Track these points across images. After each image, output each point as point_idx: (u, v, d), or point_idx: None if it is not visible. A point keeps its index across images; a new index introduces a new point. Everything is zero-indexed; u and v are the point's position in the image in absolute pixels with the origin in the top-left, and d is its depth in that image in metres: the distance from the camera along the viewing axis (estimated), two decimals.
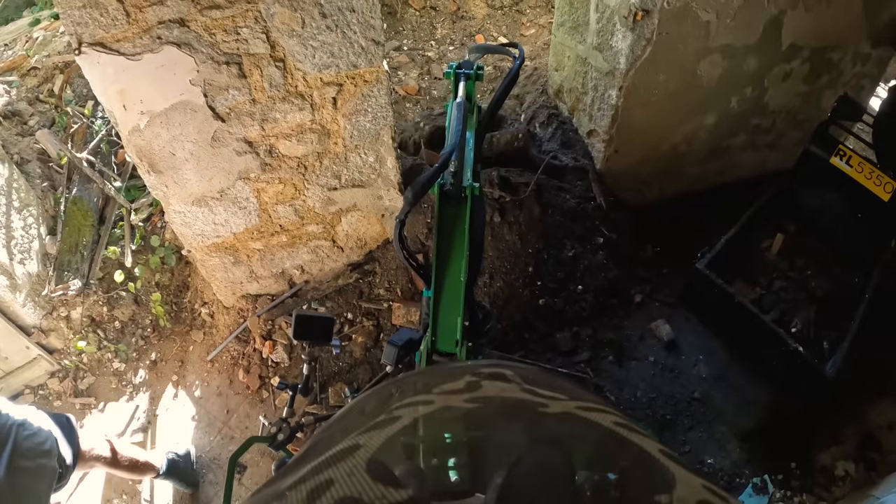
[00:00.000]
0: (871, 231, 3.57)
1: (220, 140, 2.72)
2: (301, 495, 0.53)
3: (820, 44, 3.94)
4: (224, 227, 3.13)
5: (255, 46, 2.42)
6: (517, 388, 0.71)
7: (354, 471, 0.54)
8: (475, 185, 1.83)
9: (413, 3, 5.14)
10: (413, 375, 0.84)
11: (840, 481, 3.17)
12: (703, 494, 0.53)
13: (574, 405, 0.67)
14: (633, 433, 0.63)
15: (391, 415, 0.64)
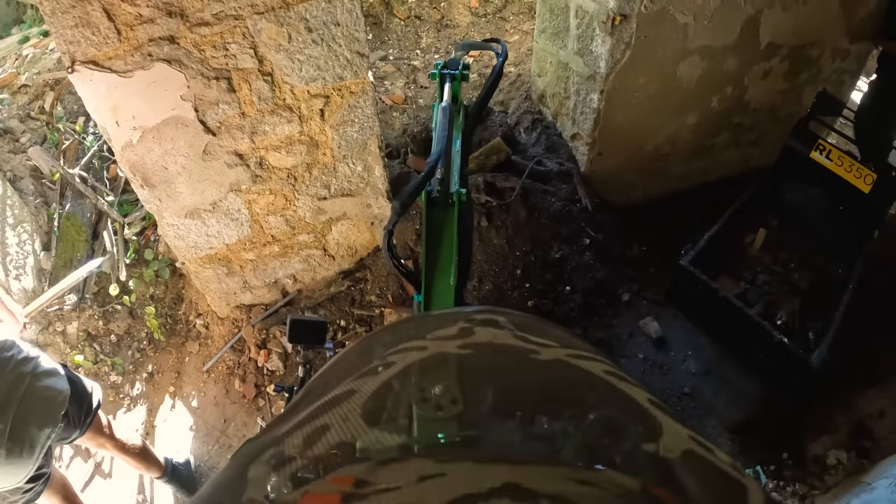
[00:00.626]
0: (853, 223, 3.70)
1: (211, 153, 2.83)
2: (297, 441, 0.55)
3: (798, 41, 4.07)
4: (217, 238, 3.23)
5: (243, 61, 2.53)
6: (509, 334, 0.71)
7: (350, 416, 0.56)
8: (462, 192, 1.87)
9: (398, 13, 5.27)
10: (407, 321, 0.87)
11: (832, 470, 3.27)
12: (689, 444, 0.54)
13: (565, 353, 0.68)
14: (623, 382, 0.64)
15: (385, 360, 0.66)
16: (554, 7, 3.83)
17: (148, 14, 2.24)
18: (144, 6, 2.21)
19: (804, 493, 3.20)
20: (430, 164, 1.71)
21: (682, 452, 0.52)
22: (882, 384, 3.54)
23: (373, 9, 5.18)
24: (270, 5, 2.38)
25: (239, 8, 2.34)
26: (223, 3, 2.30)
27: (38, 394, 2.32)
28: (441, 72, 2.17)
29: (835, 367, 3.29)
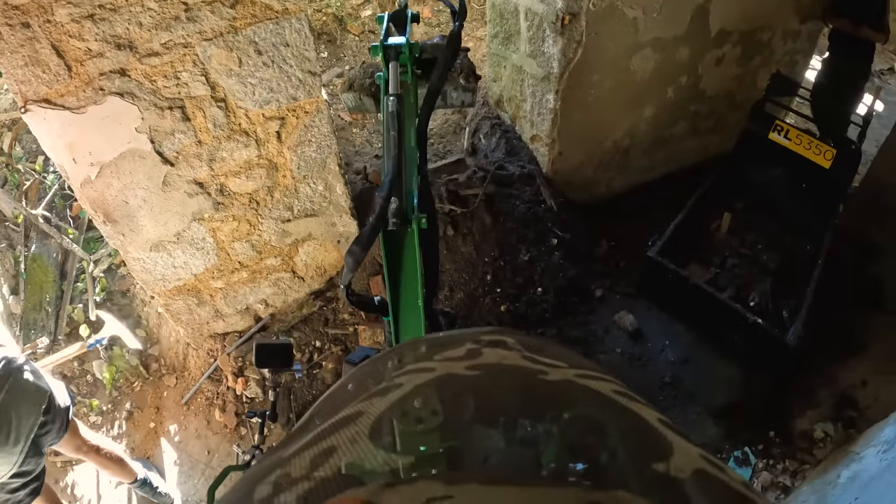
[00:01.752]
0: (817, 199, 3.86)
1: (170, 184, 2.90)
2: (304, 462, 0.55)
3: (749, 26, 4.25)
4: (184, 269, 3.28)
5: (195, 89, 2.61)
6: (518, 355, 0.72)
7: (357, 437, 0.56)
8: (422, 218, 1.80)
9: (351, 28, 5.38)
10: (415, 343, 0.89)
11: (821, 443, 3.40)
12: (700, 463, 0.54)
13: (574, 373, 0.69)
14: (632, 401, 0.65)
15: (392, 382, 0.66)
16: (504, 11, 3.96)
17: (97, 48, 2.31)
18: (93, 40, 2.29)
19: (795, 469, 3.32)
20: (381, 203, 1.66)
21: (693, 472, 0.53)
22: (861, 354, 3.71)
23: (326, 26, 5.30)
24: (218, 31, 2.47)
25: (187, 35, 2.42)
26: (171, 32, 2.38)
27: (22, 386, 2.47)
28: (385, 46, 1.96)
29: (811, 342, 3.43)
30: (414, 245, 1.82)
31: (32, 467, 2.61)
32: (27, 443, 2.48)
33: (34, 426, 2.50)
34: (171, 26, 2.37)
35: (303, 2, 2.62)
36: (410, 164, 1.91)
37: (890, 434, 2.65)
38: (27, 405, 2.48)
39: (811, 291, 3.47)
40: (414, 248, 1.82)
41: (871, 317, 3.86)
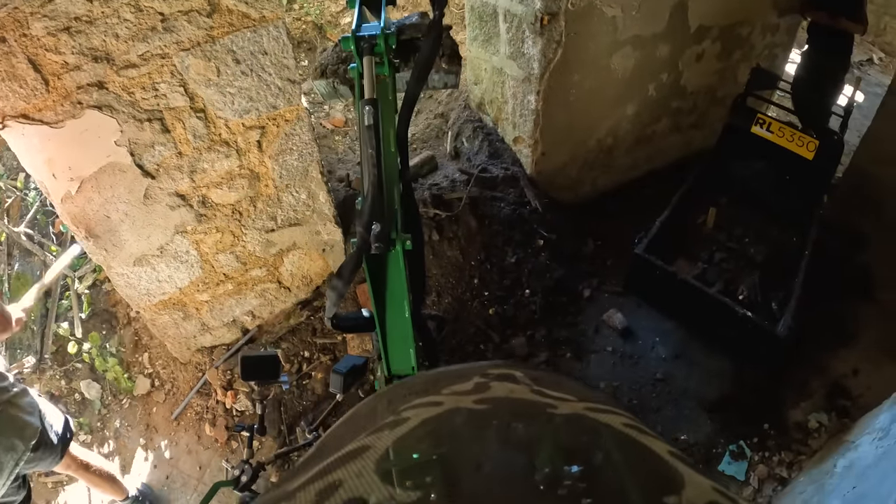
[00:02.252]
0: (801, 190, 3.92)
1: (152, 197, 2.91)
2: (310, 496, 0.56)
3: (728, 21, 4.32)
4: (168, 283, 3.29)
5: (174, 100, 2.63)
6: (526, 389, 0.73)
7: (363, 472, 0.57)
8: (406, 239, 1.77)
9: (331, 35, 5.41)
10: (422, 376, 0.89)
11: (815, 433, 3.44)
12: (712, 496, 0.55)
13: (583, 406, 0.69)
14: (643, 434, 0.65)
15: (399, 416, 0.66)
16: (483, 14, 4.00)
17: (74, 61, 2.32)
18: (70, 53, 2.30)
19: (791, 460, 3.35)
20: (361, 232, 1.63)
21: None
22: (851, 343, 3.76)
23: (305, 34, 5.33)
24: (196, 40, 2.49)
25: (164, 46, 2.44)
26: (148, 43, 2.40)
27: (9, 421, 2.45)
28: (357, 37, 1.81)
29: (802, 333, 3.48)
30: (399, 265, 1.80)
31: (14, 497, 2.60)
32: (8, 478, 2.48)
33: (18, 461, 2.48)
34: (148, 37, 2.39)
35: (280, 9, 2.64)
36: (390, 175, 1.84)
37: (884, 421, 2.68)
38: (12, 441, 2.46)
39: (799, 283, 3.51)
40: (399, 268, 1.81)
41: (861, 306, 3.92)
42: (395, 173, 1.86)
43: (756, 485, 3.27)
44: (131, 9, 2.29)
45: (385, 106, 1.87)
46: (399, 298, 1.86)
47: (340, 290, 1.68)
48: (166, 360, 3.85)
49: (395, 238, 1.75)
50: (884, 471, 2.24)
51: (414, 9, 5.57)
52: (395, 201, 1.82)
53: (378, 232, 1.65)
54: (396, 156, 1.88)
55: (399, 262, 1.80)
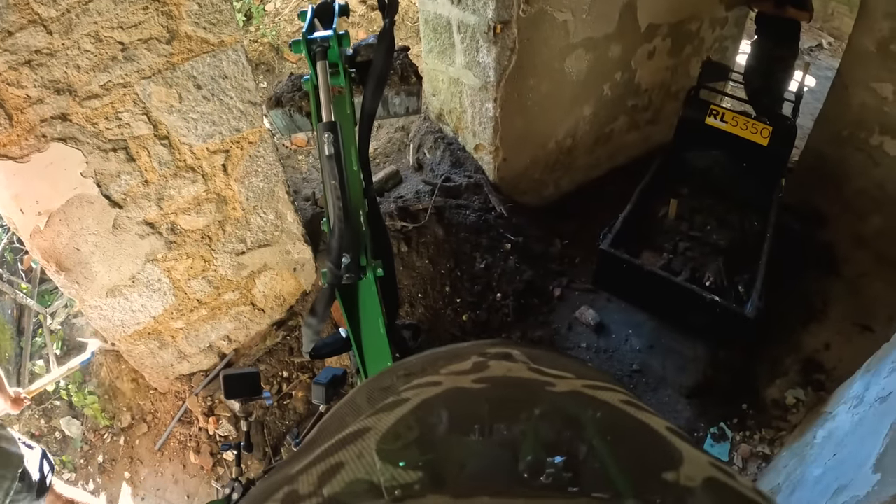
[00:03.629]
0: (759, 176, 4.11)
1: (121, 227, 2.97)
2: (311, 478, 0.56)
3: (676, 18, 4.53)
4: (142, 312, 3.35)
5: (138, 128, 2.71)
6: (524, 367, 0.73)
7: (364, 453, 0.58)
8: (377, 267, 1.80)
9: (288, 56, 5.54)
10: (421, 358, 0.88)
11: (793, 409, 3.62)
12: (710, 471, 0.55)
13: (581, 383, 0.70)
14: (641, 411, 0.66)
15: (400, 396, 0.67)
16: (437, 26, 4.15)
17: (36, 94, 2.40)
18: (32, 87, 2.38)
19: (772, 437, 3.51)
20: (330, 265, 1.67)
21: (703, 480, 0.54)
22: (820, 319, 3.97)
23: (263, 56, 5.45)
24: (157, 68, 2.59)
25: (125, 75, 2.53)
26: (109, 73, 2.49)
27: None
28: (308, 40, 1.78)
29: (772, 313, 3.66)
30: (372, 289, 1.84)
31: None
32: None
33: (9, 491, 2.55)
34: (109, 67, 2.48)
35: (238, 33, 2.74)
36: (355, 195, 1.84)
37: (858, 389, 2.82)
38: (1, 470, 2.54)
39: (764, 264, 3.67)
40: (372, 292, 1.85)
41: (826, 282, 4.12)
42: (359, 193, 1.89)
43: (740, 464, 3.42)
44: (91, 39, 2.38)
45: (344, 122, 1.88)
46: (373, 318, 1.92)
47: (315, 327, 1.74)
48: (145, 391, 3.90)
49: (365, 265, 1.79)
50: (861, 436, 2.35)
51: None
52: (363, 223, 1.86)
53: (348, 263, 1.70)
54: (360, 174, 1.91)
55: (372, 287, 1.85)
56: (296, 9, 5.59)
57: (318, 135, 1.73)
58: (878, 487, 1.82)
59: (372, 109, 1.93)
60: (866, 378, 2.83)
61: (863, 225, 4.40)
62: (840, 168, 4.38)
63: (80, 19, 2.31)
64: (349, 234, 1.73)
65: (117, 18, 2.37)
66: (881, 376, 2.62)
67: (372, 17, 5.75)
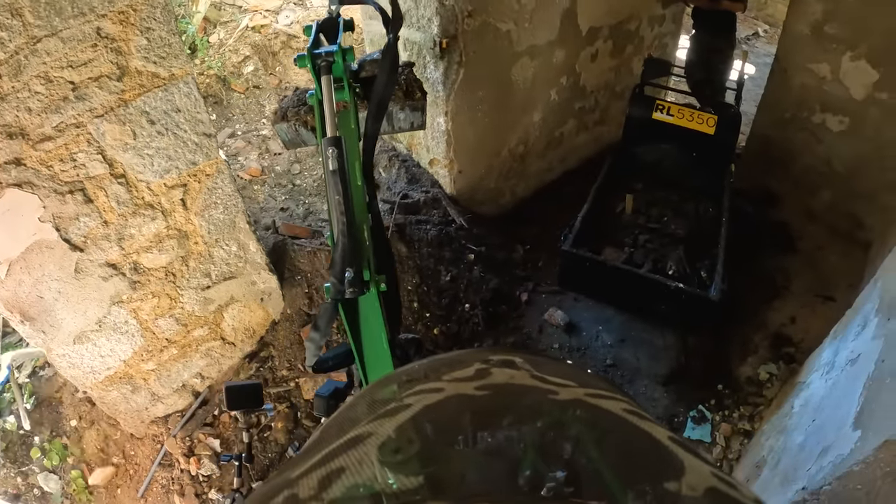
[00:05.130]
0: (709, 164, 4.27)
1: (83, 270, 2.97)
2: (312, 483, 0.58)
3: (616, 19, 4.70)
4: (112, 357, 3.33)
5: (94, 169, 2.73)
6: (527, 374, 0.74)
7: (365, 458, 0.58)
8: (381, 282, 1.80)
9: (236, 87, 5.58)
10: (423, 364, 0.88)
11: (768, 384, 3.76)
12: (712, 481, 0.56)
13: (583, 392, 0.70)
14: (643, 420, 0.67)
15: (401, 402, 0.68)
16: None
17: None
18: None
19: (751, 413, 3.64)
20: (334, 280, 1.67)
21: (705, 490, 0.55)
22: (783, 294, 4.14)
23: (210, 88, 5.49)
24: (108, 106, 2.61)
25: (78, 115, 2.55)
26: (61, 114, 2.51)
27: None
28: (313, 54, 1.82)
29: (736, 294, 3.80)
30: (375, 304, 1.85)
31: None
32: None
33: None
34: (61, 108, 2.50)
35: (188, 65, 2.79)
36: (359, 210, 1.86)
37: (828, 356, 2.94)
38: None
39: (723, 248, 3.81)
40: (375, 307, 1.86)
41: (785, 259, 4.31)
42: (363, 207, 1.91)
43: (723, 443, 3.53)
44: (41, 81, 2.40)
45: (348, 136, 1.90)
46: (376, 332, 1.93)
47: (318, 341, 1.76)
48: (122, 438, 3.87)
49: (369, 280, 1.80)
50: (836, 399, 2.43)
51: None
52: (366, 238, 1.87)
53: (351, 278, 1.71)
54: (363, 188, 1.92)
55: (375, 302, 1.86)
56: (239, 39, 5.67)
57: (322, 150, 1.76)
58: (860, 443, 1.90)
59: (376, 124, 1.97)
60: (834, 344, 2.95)
61: (813, 200, 4.61)
62: (786, 148, 4.58)
63: (28, 60, 2.33)
64: (352, 249, 1.75)
65: (66, 58, 2.40)
66: (848, 340, 2.73)
67: None
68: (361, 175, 1.93)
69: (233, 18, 5.79)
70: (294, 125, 2.23)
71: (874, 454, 1.78)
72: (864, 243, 4.34)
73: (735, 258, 3.85)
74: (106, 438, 3.93)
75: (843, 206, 4.48)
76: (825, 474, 2.01)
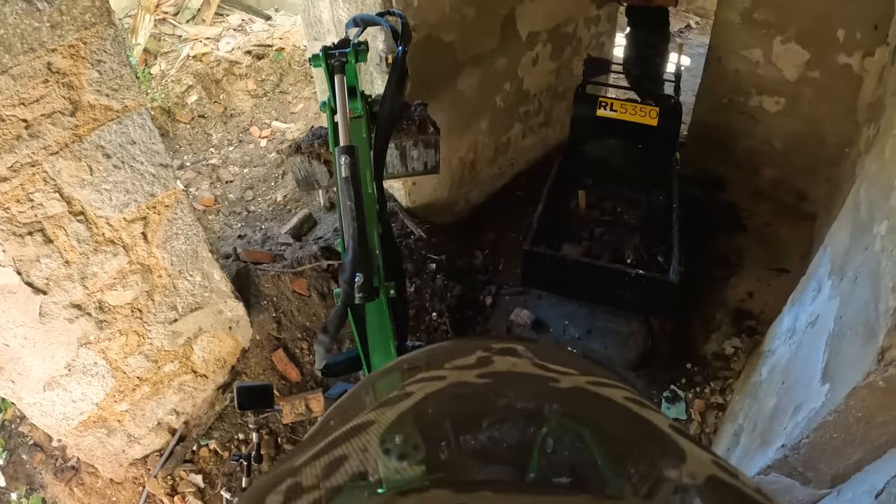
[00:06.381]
0: (655, 153, 4.40)
1: (48, 314, 2.90)
2: (315, 471, 0.57)
3: (553, 23, 4.82)
4: (84, 401, 3.26)
5: (52, 208, 2.67)
6: (528, 363, 0.74)
7: (368, 446, 0.58)
8: (390, 288, 1.83)
9: (181, 117, 5.55)
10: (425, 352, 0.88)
11: (734, 357, 3.89)
12: (712, 470, 0.56)
13: (585, 380, 0.70)
14: (644, 408, 0.67)
15: (403, 391, 0.68)
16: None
17: None
18: None
19: (722, 387, 3.76)
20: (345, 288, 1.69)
21: (705, 478, 0.55)
22: (739, 272, 4.31)
23: (155, 120, 5.47)
24: (63, 142, 2.58)
25: (32, 154, 2.51)
26: (16, 153, 2.46)
27: None
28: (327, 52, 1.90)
29: (692, 276, 3.92)
30: (383, 310, 1.88)
31: None
32: None
33: None
34: (15, 147, 2.45)
35: (141, 96, 2.76)
36: (369, 217, 1.89)
37: (789, 322, 3.05)
38: None
39: (676, 232, 3.91)
40: (384, 313, 1.89)
41: (736, 238, 4.48)
42: (373, 215, 1.96)
43: (699, 418, 3.63)
44: None
45: (360, 145, 1.95)
46: (384, 338, 1.96)
47: (327, 345, 1.79)
48: (103, 485, 3.79)
49: (378, 286, 1.83)
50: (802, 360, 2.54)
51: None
52: (376, 245, 1.91)
53: (361, 283, 1.74)
54: (374, 196, 1.97)
55: (383, 308, 1.89)
56: (181, 69, 5.65)
57: (336, 158, 1.80)
58: (830, 395, 1.99)
59: (387, 132, 2.04)
60: (793, 311, 3.07)
61: (758, 179, 4.80)
62: (727, 132, 4.76)
63: None
64: (363, 255, 1.78)
65: (18, 95, 2.36)
66: (806, 305, 2.85)
67: (259, 67, 5.87)
68: (372, 183, 1.98)
69: (173, 48, 5.79)
70: (307, 158, 2.28)
71: (845, 402, 1.86)
72: (810, 215, 4.52)
73: (689, 241, 3.96)
74: (86, 488, 3.84)
75: (787, 182, 4.67)
76: (801, 429, 2.10)
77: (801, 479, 2.21)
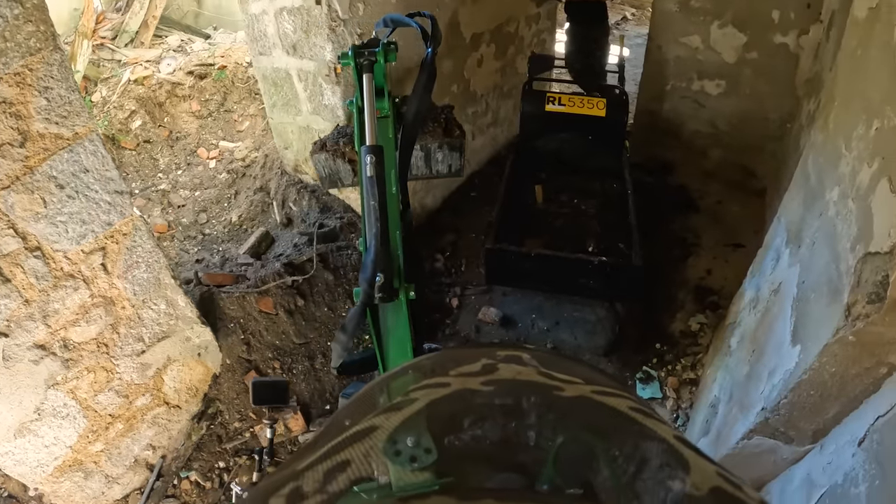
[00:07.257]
0: (605, 143, 4.46)
1: (12, 357, 2.78)
2: (317, 476, 0.57)
3: (495, 23, 4.85)
4: (57, 445, 3.13)
5: (7, 245, 2.56)
6: (534, 371, 0.74)
7: (371, 452, 0.58)
8: (410, 289, 1.79)
9: (126, 143, 5.40)
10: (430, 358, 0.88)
11: (701, 333, 3.95)
12: (716, 481, 0.56)
13: (590, 389, 0.71)
14: (649, 418, 0.67)
15: (408, 396, 0.68)
16: (276, 80, 4.22)
17: None
18: None
19: (692, 363, 3.82)
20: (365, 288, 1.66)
21: (709, 489, 0.55)
22: (696, 251, 4.38)
23: None
24: (14, 175, 2.47)
25: None
26: None
27: None
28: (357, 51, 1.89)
29: (652, 258, 3.98)
30: (403, 311, 1.85)
31: None
32: None
33: None
34: None
35: (91, 122, 2.67)
36: (392, 218, 1.87)
37: (751, 293, 3.11)
38: None
39: (633, 218, 3.97)
40: (403, 314, 1.85)
41: (691, 218, 4.56)
42: (396, 216, 1.94)
43: (674, 395, 3.67)
44: None
45: (386, 145, 1.94)
46: (403, 340, 1.92)
47: (345, 343, 1.77)
48: None
49: (398, 287, 1.80)
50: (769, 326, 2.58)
51: None
52: (398, 246, 1.89)
53: (382, 283, 1.71)
54: (397, 197, 1.97)
55: (403, 309, 1.85)
56: (123, 94, 5.51)
57: (361, 157, 1.78)
58: (802, 355, 2.02)
59: (413, 132, 2.02)
60: (754, 282, 3.12)
61: (706, 161, 4.91)
62: (672, 118, 4.85)
63: None
64: (385, 256, 1.76)
65: None
66: (766, 275, 2.90)
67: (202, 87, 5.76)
68: (396, 183, 1.97)
69: (113, 73, 5.64)
70: (332, 155, 2.27)
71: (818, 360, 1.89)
72: (760, 190, 4.63)
73: (645, 226, 4.01)
74: None
75: (734, 160, 4.79)
76: (779, 391, 2.13)
77: (784, 438, 2.25)
